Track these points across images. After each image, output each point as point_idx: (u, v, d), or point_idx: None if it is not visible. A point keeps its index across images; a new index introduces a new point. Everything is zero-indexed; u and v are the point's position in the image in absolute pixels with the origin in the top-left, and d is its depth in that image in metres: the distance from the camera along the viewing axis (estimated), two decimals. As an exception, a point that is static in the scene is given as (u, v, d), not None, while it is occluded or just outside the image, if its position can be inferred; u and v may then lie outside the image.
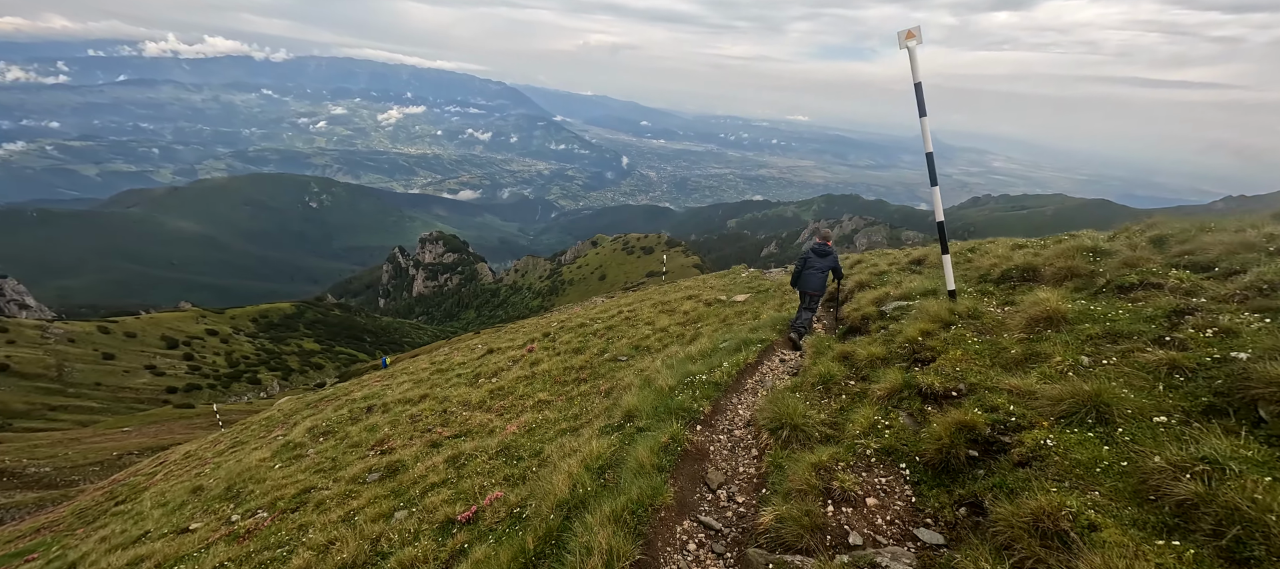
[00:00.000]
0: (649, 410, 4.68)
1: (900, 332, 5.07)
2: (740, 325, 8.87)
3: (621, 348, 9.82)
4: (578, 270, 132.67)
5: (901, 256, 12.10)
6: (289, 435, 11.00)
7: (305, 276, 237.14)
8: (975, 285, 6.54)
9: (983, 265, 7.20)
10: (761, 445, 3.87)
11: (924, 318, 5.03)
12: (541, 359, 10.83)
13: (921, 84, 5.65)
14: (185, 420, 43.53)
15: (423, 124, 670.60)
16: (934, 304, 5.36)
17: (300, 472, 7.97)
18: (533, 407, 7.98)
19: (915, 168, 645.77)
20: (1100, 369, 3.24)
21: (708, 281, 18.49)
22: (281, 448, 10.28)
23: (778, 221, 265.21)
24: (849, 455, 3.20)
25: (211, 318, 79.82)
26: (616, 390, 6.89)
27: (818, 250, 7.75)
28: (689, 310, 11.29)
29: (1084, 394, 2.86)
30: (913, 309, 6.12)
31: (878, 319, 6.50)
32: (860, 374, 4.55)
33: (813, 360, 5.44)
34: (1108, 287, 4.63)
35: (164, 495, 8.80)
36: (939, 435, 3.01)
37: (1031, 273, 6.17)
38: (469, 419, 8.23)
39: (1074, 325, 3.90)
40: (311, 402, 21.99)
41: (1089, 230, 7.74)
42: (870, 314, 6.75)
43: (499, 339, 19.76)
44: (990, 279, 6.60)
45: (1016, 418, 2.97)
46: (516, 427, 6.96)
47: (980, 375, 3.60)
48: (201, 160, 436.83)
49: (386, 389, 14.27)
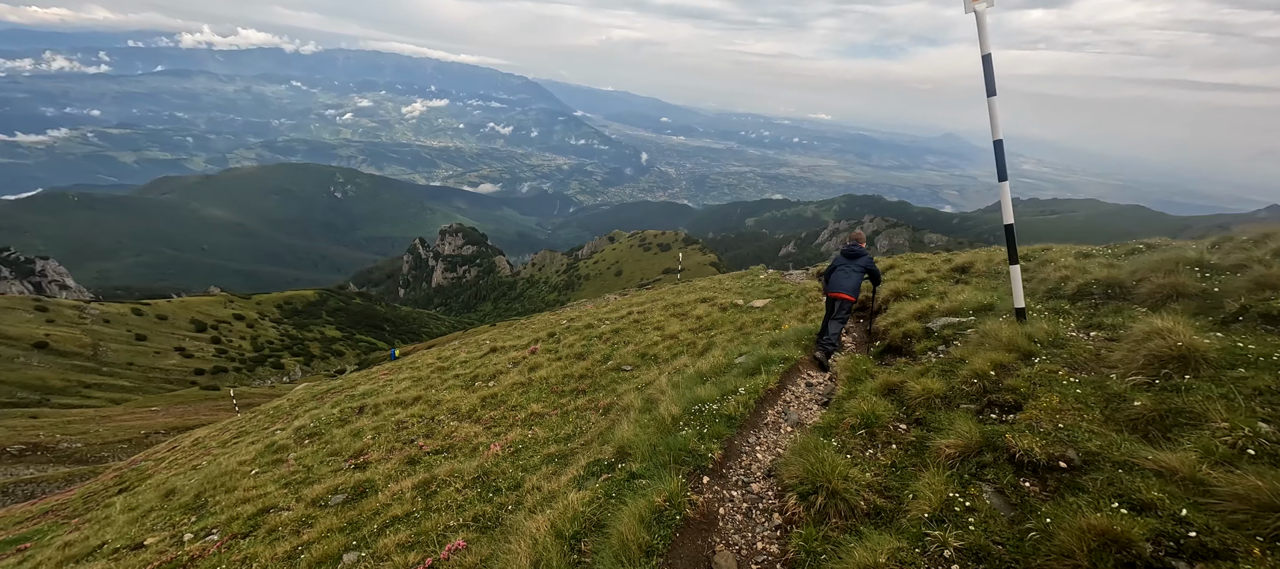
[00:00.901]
0: (646, 449, 3.77)
1: (963, 360, 4.05)
2: (758, 336, 7.91)
3: (627, 355, 8.94)
4: (594, 266, 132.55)
5: (940, 262, 10.95)
6: (275, 436, 10.40)
7: (329, 265, 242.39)
8: (1043, 302, 5.46)
9: (1049, 278, 6.08)
10: (787, 513, 2.93)
11: (993, 345, 4.00)
12: (542, 363, 10.02)
13: (991, 56, 4.61)
14: (210, 402, 44.48)
15: (445, 117, 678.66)
16: (1001, 327, 4.32)
17: (271, 483, 7.29)
18: (524, 421, 7.16)
19: (940, 169, 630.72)
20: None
21: (723, 283, 17.47)
22: (265, 449, 9.67)
23: (797, 221, 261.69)
24: (915, 553, 2.25)
25: (238, 303, 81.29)
26: (615, 410, 6.02)
27: (848, 251, 6.90)
28: (702, 315, 10.37)
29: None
30: (969, 329, 5.09)
31: (923, 338, 5.47)
32: (913, 415, 3.57)
33: (848, 390, 4.46)
34: (1245, 314, 3.55)
35: (134, 501, 8.29)
36: (1068, 549, 1.97)
37: (1117, 289, 5.08)
38: (455, 431, 7.46)
39: (1221, 370, 2.85)
40: (319, 393, 21.71)
41: (1186, 241, 6.55)
42: (913, 331, 5.71)
43: (505, 336, 19.07)
44: (1062, 295, 5.51)
45: (1197, 532, 1.91)
46: (501, 446, 6.13)
47: (1099, 439, 2.58)
48: (233, 149, 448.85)
49: (385, 387, 13.66)
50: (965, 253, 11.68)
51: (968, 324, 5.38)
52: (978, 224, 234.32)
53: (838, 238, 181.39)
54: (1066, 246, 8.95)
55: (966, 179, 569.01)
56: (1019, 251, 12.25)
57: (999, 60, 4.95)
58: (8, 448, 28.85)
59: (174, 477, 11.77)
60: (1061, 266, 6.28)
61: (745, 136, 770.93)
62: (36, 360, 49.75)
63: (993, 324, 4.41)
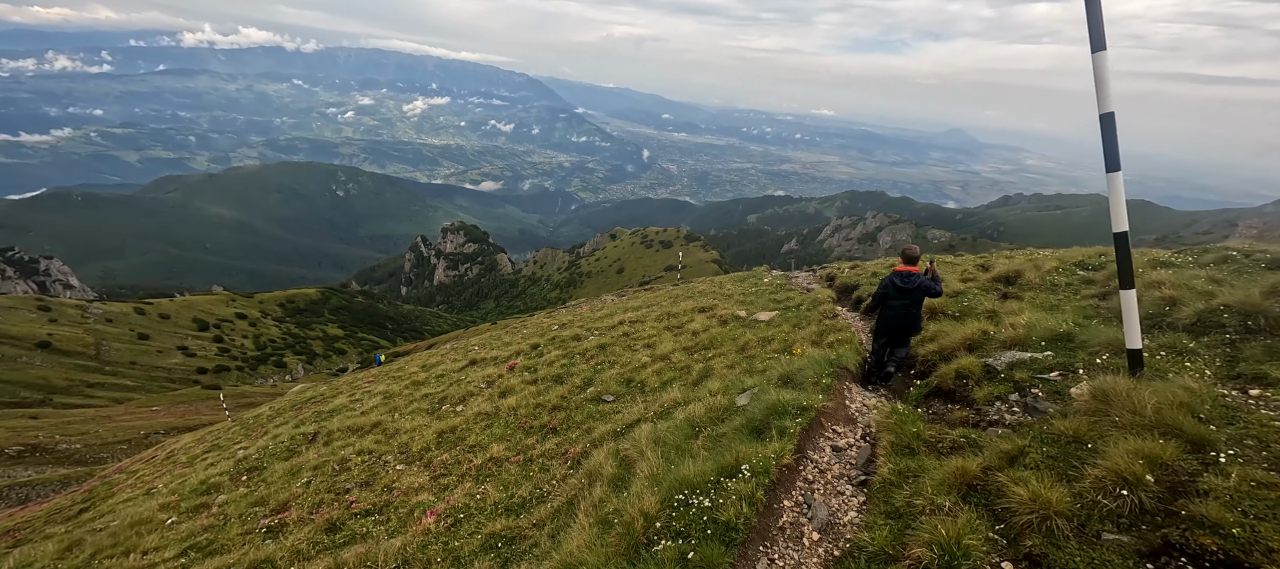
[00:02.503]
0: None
1: (1081, 442, 2.70)
2: (765, 361, 6.59)
3: (610, 382, 7.62)
4: (596, 263, 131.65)
5: (974, 268, 9.54)
6: (208, 473, 9.14)
7: (332, 263, 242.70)
8: (1150, 337, 4.07)
9: (1144, 299, 4.69)
10: None
11: (1128, 418, 2.65)
12: (515, 387, 8.72)
13: (1113, 115, 3.26)
14: (211, 401, 44.14)
15: (447, 115, 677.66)
16: (1123, 385, 2.95)
17: (175, 544, 6.04)
18: (478, 470, 5.87)
19: (944, 164, 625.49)
20: None
21: (725, 286, 16.10)
22: (193, 490, 8.41)
23: (799, 217, 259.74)
24: None
25: (241, 302, 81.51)
26: (584, 469, 4.70)
27: (899, 282, 5.55)
28: (699, 330, 9.04)
29: None
30: (1052, 373, 3.72)
31: (985, 381, 4.12)
32: (1023, 548, 2.21)
33: (895, 468, 3.11)
34: None
35: (30, 556, 7.09)
36: None
37: (1260, 318, 3.70)
38: (397, 481, 6.19)
39: None
40: (300, 402, 20.69)
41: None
42: (969, 371, 4.36)
43: (492, 344, 17.82)
44: (1174, 325, 4.14)
45: None
46: (438, 515, 4.83)
47: None
48: (235, 148, 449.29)
49: (351, 406, 12.44)
50: (1003, 255, 10.27)
51: (1047, 365, 4.02)
52: (981, 220, 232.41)
53: (840, 234, 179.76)
54: (1149, 252, 7.53)
55: (970, 174, 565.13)
56: (1071, 254, 10.64)
57: (1006, 55, 3.35)
58: (6, 449, 28.60)
59: (125, 505, 10.59)
60: (1155, 282, 4.88)
61: (747, 133, 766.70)
62: (40, 360, 49.99)
63: (1109, 381, 3.04)
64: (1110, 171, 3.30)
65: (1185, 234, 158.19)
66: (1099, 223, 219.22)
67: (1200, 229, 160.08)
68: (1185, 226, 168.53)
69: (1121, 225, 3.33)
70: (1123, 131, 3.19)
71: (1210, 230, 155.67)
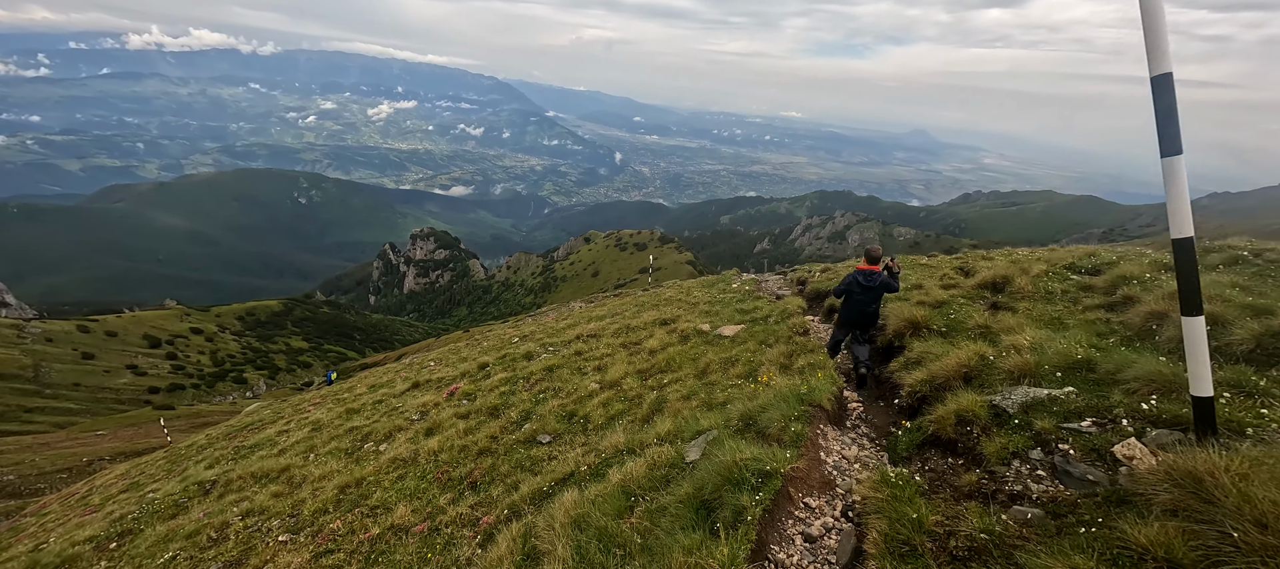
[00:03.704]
0: None
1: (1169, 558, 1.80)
2: (726, 390, 5.66)
3: (549, 416, 6.57)
4: (570, 267, 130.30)
5: (952, 270, 8.81)
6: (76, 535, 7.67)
7: (296, 273, 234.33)
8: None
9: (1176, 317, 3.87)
10: None
11: (1269, 553, 1.73)
12: (444, 422, 7.57)
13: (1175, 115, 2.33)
14: (166, 421, 41.62)
15: (414, 119, 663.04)
16: (1255, 474, 2.00)
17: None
18: (372, 544, 4.76)
19: (907, 164, 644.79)
20: None
21: (692, 293, 15.18)
22: (51, 562, 6.95)
23: (771, 217, 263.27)
24: None
25: (196, 316, 78.81)
26: (489, 551, 3.62)
27: (863, 279, 6.07)
28: (656, 348, 8.08)
29: None
30: (1085, 422, 2.83)
31: (996, 429, 3.22)
32: None
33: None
34: None
35: None
36: None
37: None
38: (272, 559, 4.98)
39: None
40: (233, 430, 19.11)
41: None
42: (972, 414, 3.45)
43: (446, 361, 16.55)
44: (1232, 355, 3.30)
45: None
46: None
47: None
48: (188, 155, 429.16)
49: (275, 440, 11.09)
50: (980, 255, 9.59)
51: (1072, 407, 3.14)
52: (944, 217, 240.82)
53: (810, 233, 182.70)
54: (1137, 252, 6.85)
55: (932, 173, 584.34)
56: (1035, 256, 10.01)
57: (963, 59, 2.40)
58: (-72, 481, 25.81)
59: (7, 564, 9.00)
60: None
61: (718, 135, 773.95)
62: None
63: (1197, 459, 2.08)
64: (1167, 156, 2.40)
65: (1130, 227, 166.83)
66: (1052, 218, 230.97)
67: (1144, 222, 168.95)
68: (1130, 220, 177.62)
69: (1185, 229, 2.43)
70: (1074, 129, 2.34)
71: (1152, 223, 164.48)
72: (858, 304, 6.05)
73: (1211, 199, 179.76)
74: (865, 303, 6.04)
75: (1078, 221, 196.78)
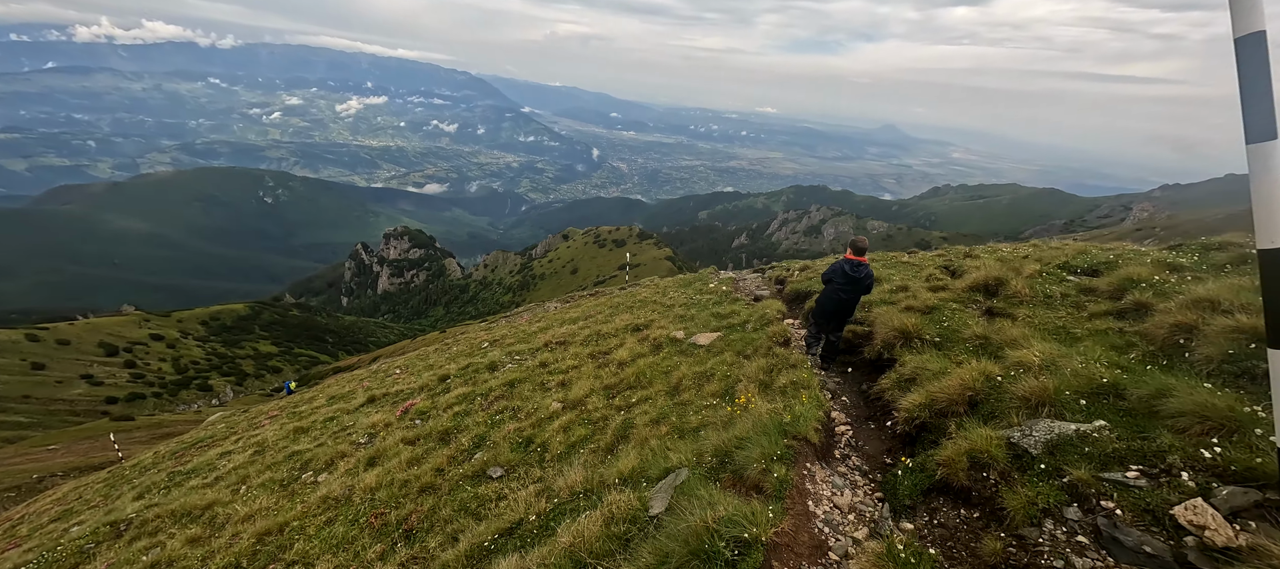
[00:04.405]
0: None
1: None
2: (700, 412, 5.06)
3: (504, 443, 5.92)
4: (549, 264, 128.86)
5: (935, 269, 8.36)
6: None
7: (263, 275, 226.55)
8: (1228, 382, 2.68)
9: (1212, 331, 3.35)
10: None
11: None
12: (388, 449, 6.83)
13: None
14: (122, 435, 39.43)
15: (385, 115, 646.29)
16: None
17: None
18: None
19: (880, 159, 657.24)
20: None
21: (668, 294, 14.58)
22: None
23: (748, 212, 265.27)
24: None
25: (156, 321, 76.26)
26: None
27: (850, 270, 5.90)
28: (626, 360, 7.45)
29: None
30: (1132, 474, 2.29)
31: (1021, 479, 2.71)
32: None
33: None
34: None
35: None
36: None
37: None
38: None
39: None
40: (180, 448, 17.88)
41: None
42: (988, 455, 2.92)
43: (411, 370, 15.69)
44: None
45: None
46: None
47: None
48: (144, 154, 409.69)
49: (213, 465, 10.11)
50: (962, 251, 9.19)
51: (1109, 450, 2.64)
52: (915, 210, 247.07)
53: (787, 227, 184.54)
54: (1134, 250, 6.45)
55: (903, 168, 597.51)
56: (1022, 254, 9.63)
57: (931, 56, 2.37)
58: None
59: None
60: (1202, 300, 3.56)
61: (695, 131, 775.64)
62: (-94, 402, 43.34)
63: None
64: (1257, 141, 1.96)
65: (1089, 218, 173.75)
66: (1018, 210, 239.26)
67: (1102, 213, 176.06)
68: (1089, 211, 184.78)
69: (1277, 236, 1.92)
70: (1037, 124, 1.82)
71: (1109, 214, 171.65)
72: (837, 294, 5.96)
73: (1163, 190, 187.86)
74: (845, 294, 5.95)
75: (1041, 213, 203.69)
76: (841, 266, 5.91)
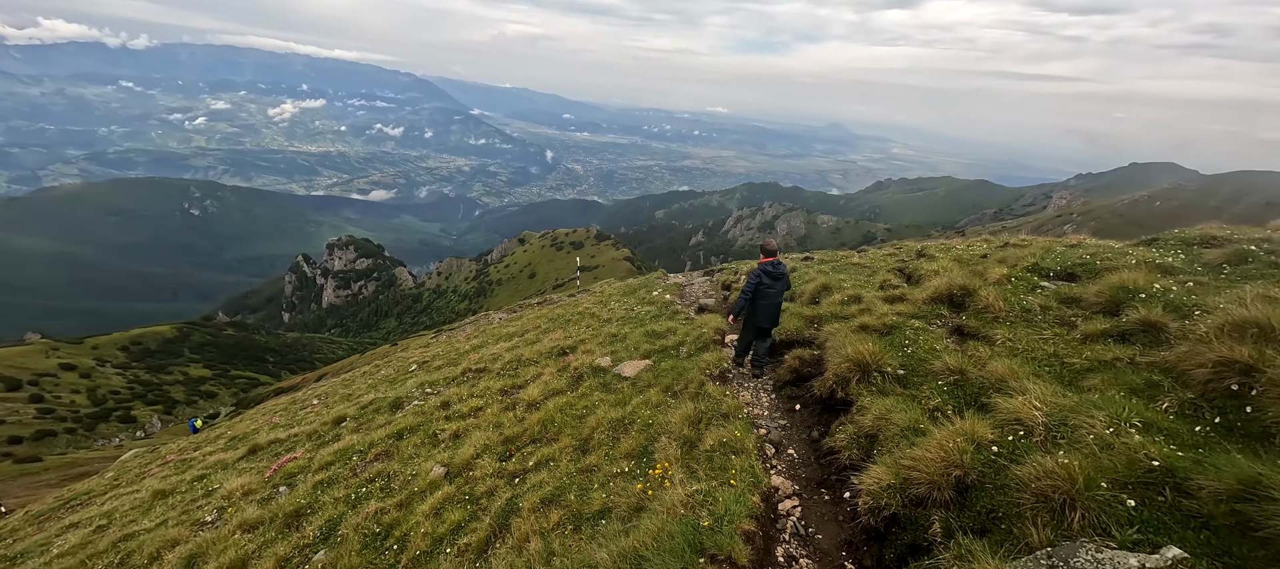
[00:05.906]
0: None
1: None
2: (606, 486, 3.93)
3: (354, 536, 4.70)
4: (506, 270, 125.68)
5: (889, 272, 7.49)
6: None
7: (193, 293, 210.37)
8: None
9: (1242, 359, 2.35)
10: None
11: None
12: (220, 541, 5.30)
13: None
14: (28, 478, 34.34)
15: (323, 119, 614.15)
16: None
17: None
18: None
19: (827, 155, 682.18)
20: None
21: (609, 303, 13.44)
22: None
23: (704, 210, 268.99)
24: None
25: (67, 350, 69.17)
26: None
27: (772, 268, 5.88)
28: (537, 399, 6.24)
29: None
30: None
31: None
32: None
33: None
34: None
35: None
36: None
37: None
38: None
39: None
40: (73, 498, 15.30)
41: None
42: None
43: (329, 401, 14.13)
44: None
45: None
46: None
47: None
48: (46, 165, 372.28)
49: (38, 552, 8.17)
50: (923, 257, 8.38)
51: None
52: (861, 204, 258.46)
53: (742, 224, 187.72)
54: (1112, 248, 5.68)
55: (849, 163, 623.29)
56: (984, 251, 9.10)
57: (869, 56, 2.44)
58: None
59: None
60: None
61: (649, 131, 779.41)
62: None
63: None
64: None
65: (1016, 207, 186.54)
66: (954, 201, 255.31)
67: (1027, 202, 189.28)
68: (1015, 200, 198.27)
69: None
70: (967, 120, 1.82)
71: (1033, 202, 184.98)
72: (769, 301, 5.89)
73: (1078, 180, 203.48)
74: (775, 297, 5.90)
75: (974, 203, 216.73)
76: (762, 275, 5.80)
